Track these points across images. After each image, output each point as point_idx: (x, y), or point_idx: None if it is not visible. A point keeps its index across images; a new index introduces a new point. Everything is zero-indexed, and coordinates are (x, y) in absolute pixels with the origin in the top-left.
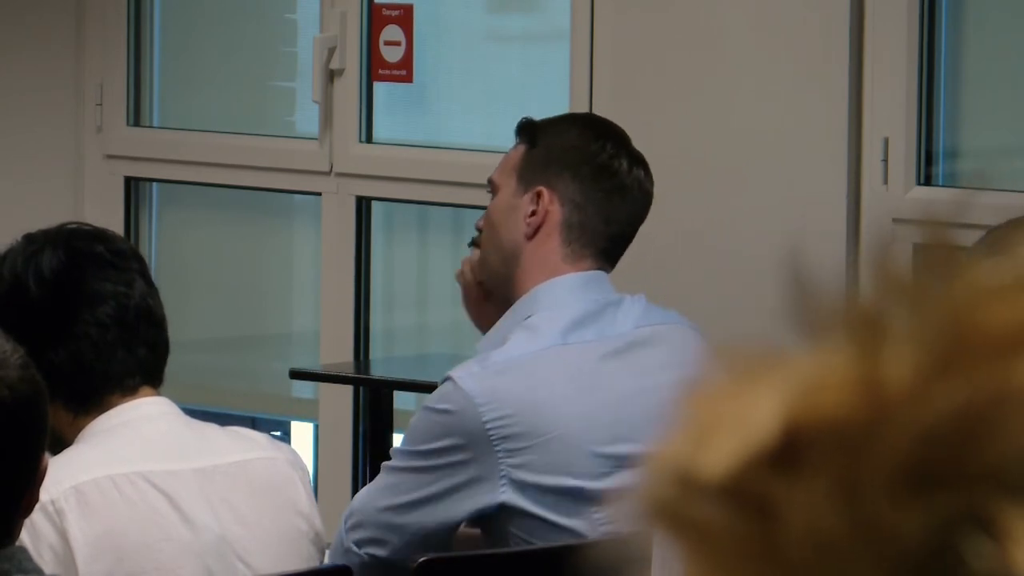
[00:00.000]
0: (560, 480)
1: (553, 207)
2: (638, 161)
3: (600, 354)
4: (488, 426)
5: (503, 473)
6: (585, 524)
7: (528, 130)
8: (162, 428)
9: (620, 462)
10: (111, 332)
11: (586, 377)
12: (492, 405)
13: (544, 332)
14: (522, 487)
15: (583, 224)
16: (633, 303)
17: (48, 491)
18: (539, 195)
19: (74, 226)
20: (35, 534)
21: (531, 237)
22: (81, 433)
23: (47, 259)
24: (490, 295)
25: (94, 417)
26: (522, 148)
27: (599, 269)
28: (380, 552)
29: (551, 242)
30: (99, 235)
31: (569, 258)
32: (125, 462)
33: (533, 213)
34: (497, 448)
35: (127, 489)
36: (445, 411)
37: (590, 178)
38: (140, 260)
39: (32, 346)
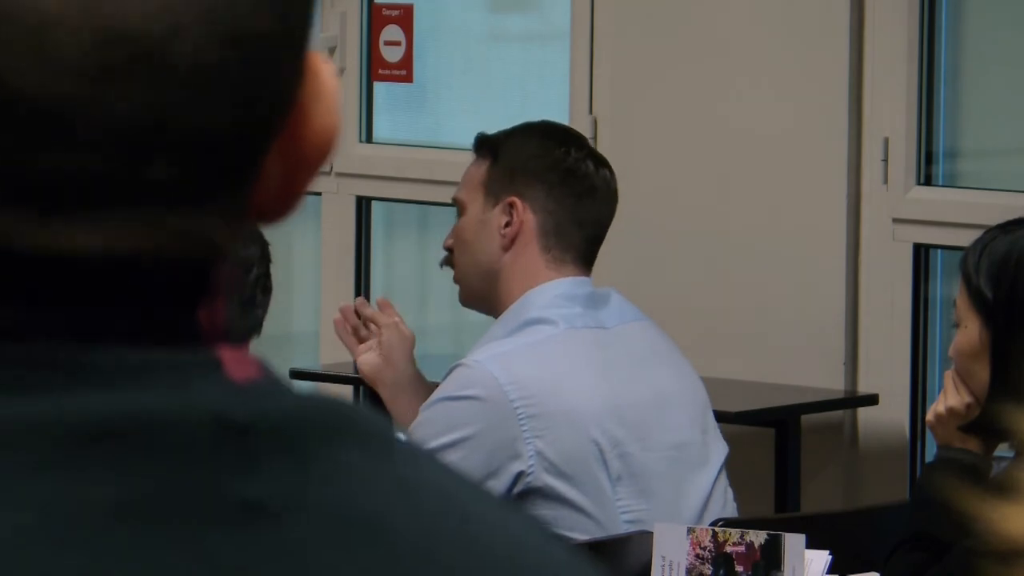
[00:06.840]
0: (582, 458)
1: (527, 216)
2: (602, 162)
3: (601, 340)
4: (516, 405)
5: (531, 454)
6: (606, 507)
7: (487, 145)
8: None
9: (625, 442)
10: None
11: (591, 358)
12: (515, 385)
13: (548, 320)
14: (547, 467)
15: (559, 229)
16: (614, 298)
17: None
18: (512, 205)
19: None
20: None
21: (508, 248)
22: None
23: None
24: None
25: None
26: (484, 163)
27: (581, 274)
28: None
29: (530, 251)
30: None
31: (552, 264)
32: None
33: (507, 224)
34: (524, 428)
35: None
36: (470, 396)
37: (559, 183)
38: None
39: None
